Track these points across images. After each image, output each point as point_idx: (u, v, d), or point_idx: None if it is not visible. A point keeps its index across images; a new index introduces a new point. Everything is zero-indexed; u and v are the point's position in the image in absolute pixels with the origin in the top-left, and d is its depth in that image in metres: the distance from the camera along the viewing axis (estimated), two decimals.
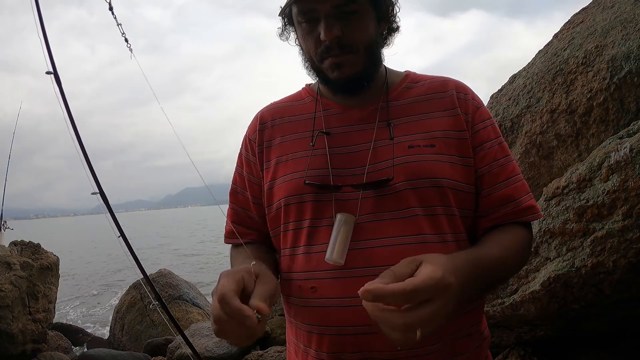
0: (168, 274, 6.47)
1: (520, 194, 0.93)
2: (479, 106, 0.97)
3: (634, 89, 1.88)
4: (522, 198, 0.92)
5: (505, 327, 2.17)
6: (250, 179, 1.04)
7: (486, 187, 0.93)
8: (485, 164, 0.93)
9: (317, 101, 1.01)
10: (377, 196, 0.88)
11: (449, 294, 0.65)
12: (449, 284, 0.65)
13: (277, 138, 1.01)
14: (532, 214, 0.92)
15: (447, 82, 0.98)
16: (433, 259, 0.68)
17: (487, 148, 0.93)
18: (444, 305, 0.64)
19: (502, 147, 0.95)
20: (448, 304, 0.65)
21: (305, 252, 0.92)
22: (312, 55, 0.92)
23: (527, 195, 0.93)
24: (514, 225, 0.92)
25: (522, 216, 0.92)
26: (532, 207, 0.93)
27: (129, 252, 2.72)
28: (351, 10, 0.87)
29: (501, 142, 0.96)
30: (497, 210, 0.92)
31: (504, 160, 0.94)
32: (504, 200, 0.92)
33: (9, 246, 5.28)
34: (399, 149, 0.90)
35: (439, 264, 0.66)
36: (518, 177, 0.94)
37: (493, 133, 0.95)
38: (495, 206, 0.92)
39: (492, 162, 0.93)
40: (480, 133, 0.94)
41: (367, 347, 0.85)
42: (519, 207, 0.92)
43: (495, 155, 0.93)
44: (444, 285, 0.64)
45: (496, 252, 0.84)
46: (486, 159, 0.93)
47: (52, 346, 5.37)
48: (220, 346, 4.09)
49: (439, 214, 0.88)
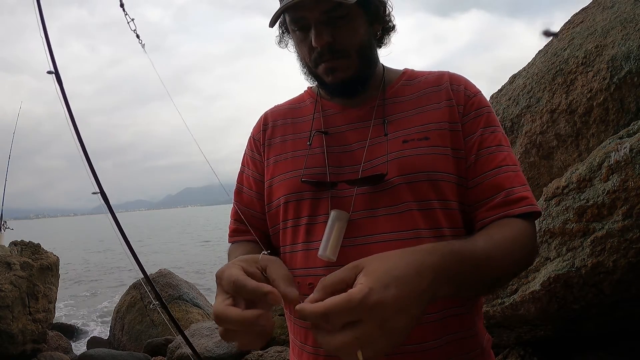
0: (168, 274, 6.47)
1: (512, 184, 0.87)
2: (473, 95, 0.94)
3: (634, 89, 1.89)
4: (514, 188, 0.87)
5: (505, 327, 2.17)
6: (256, 177, 1.07)
7: (473, 177, 0.89)
8: (473, 152, 0.89)
9: (317, 102, 1.03)
10: (372, 192, 0.89)
11: (382, 311, 0.56)
12: (378, 302, 0.55)
13: (277, 137, 1.04)
14: (527, 205, 0.86)
15: (442, 76, 0.98)
16: (373, 266, 0.60)
17: (477, 136, 0.90)
18: (380, 324, 0.55)
19: (495, 135, 0.91)
20: (388, 321, 0.56)
21: (303, 249, 0.93)
22: (307, 62, 0.95)
23: (521, 186, 0.88)
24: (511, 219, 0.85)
25: (516, 207, 0.85)
26: (526, 198, 0.86)
27: (129, 252, 2.72)
28: (340, 15, 0.87)
29: (494, 131, 0.91)
30: (488, 202, 0.87)
31: (495, 149, 0.89)
32: (494, 189, 0.87)
33: (9, 246, 5.28)
34: (393, 145, 0.91)
35: (372, 277, 0.58)
36: (511, 167, 0.89)
37: (484, 121, 0.91)
38: (485, 197, 0.88)
39: (480, 150, 0.89)
40: (471, 122, 0.92)
41: None
42: (509, 197, 0.86)
43: (483, 143, 0.90)
44: (370, 305, 0.55)
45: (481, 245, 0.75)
46: (474, 147, 0.90)
47: (52, 346, 5.37)
48: (220, 346, 4.10)
49: (434, 208, 0.87)
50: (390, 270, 0.60)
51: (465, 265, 0.68)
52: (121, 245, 2.67)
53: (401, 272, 0.60)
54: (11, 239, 5.52)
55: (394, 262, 0.61)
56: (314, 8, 0.86)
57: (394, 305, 0.57)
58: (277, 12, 0.89)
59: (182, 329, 3.38)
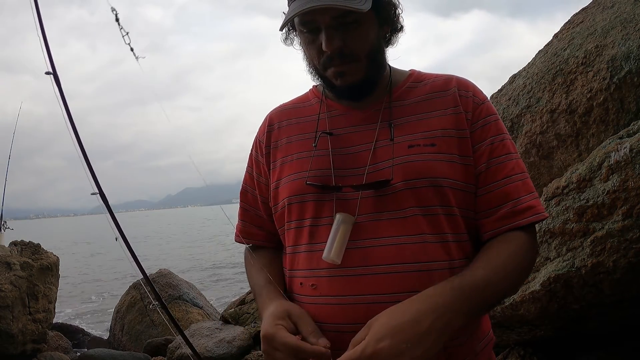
0: (168, 274, 6.47)
1: (519, 193, 0.88)
2: (481, 102, 0.94)
3: (633, 89, 1.88)
4: (521, 197, 0.88)
5: (505, 327, 2.17)
6: (259, 179, 1.07)
7: (482, 186, 0.90)
8: (483, 161, 0.90)
9: (322, 102, 1.02)
10: (377, 196, 0.89)
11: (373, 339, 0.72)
12: (373, 354, 0.71)
13: (283, 139, 1.04)
14: (533, 214, 0.88)
15: (449, 80, 0.97)
16: (377, 322, 0.75)
17: (487, 145, 0.91)
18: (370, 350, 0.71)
19: (504, 144, 0.92)
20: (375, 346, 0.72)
21: (306, 250, 0.93)
22: (316, 64, 0.94)
23: (528, 195, 0.89)
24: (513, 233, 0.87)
25: (521, 218, 0.87)
26: (532, 207, 0.88)
27: (129, 252, 2.72)
28: (351, 20, 0.87)
29: (503, 139, 0.92)
30: (495, 211, 0.89)
31: (505, 158, 0.90)
32: (502, 199, 0.89)
33: (9, 246, 5.28)
34: (399, 149, 0.90)
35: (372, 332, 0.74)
36: (519, 175, 0.90)
37: (494, 130, 0.92)
38: (493, 206, 0.89)
39: (490, 159, 0.90)
40: (480, 130, 0.92)
41: None
42: (517, 207, 0.88)
43: (493, 153, 0.90)
44: (367, 356, 0.71)
45: (480, 274, 0.81)
46: (484, 156, 0.90)
47: (52, 346, 5.37)
48: (220, 346, 4.10)
49: (438, 214, 0.88)
50: (389, 322, 0.73)
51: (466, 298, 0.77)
52: (121, 246, 2.67)
53: (398, 322, 0.73)
54: (11, 239, 5.51)
55: (395, 314, 0.75)
56: (325, 13, 0.85)
57: (389, 353, 0.70)
58: (288, 17, 0.88)
59: (182, 329, 3.38)
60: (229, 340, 4.15)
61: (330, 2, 0.82)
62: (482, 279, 0.80)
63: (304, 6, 0.83)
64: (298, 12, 0.84)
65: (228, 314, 4.77)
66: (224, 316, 4.80)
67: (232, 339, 4.17)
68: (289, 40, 1.00)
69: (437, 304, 0.75)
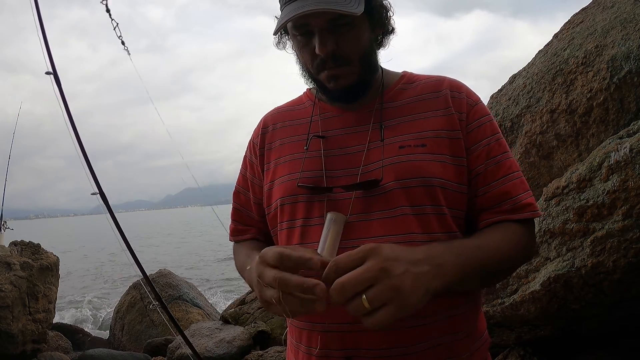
0: (168, 274, 6.47)
1: (517, 191, 0.91)
2: (474, 104, 0.96)
3: (633, 89, 1.88)
4: (520, 195, 0.91)
5: (505, 327, 2.17)
6: (253, 181, 1.09)
7: (482, 186, 0.92)
8: (481, 162, 0.92)
9: (315, 105, 1.04)
10: (367, 196, 0.89)
11: (379, 255, 0.67)
12: (373, 247, 0.68)
13: (277, 141, 1.05)
14: (530, 211, 0.91)
15: (441, 82, 0.98)
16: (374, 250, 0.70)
17: (484, 145, 0.92)
18: (377, 264, 0.66)
19: (500, 143, 0.94)
20: (384, 262, 0.67)
21: None
22: (309, 67, 0.95)
23: (525, 192, 0.92)
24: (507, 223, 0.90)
25: (519, 214, 0.90)
26: (530, 205, 0.91)
27: (128, 253, 2.72)
28: (344, 23, 0.88)
29: (499, 138, 0.94)
30: (495, 208, 0.91)
31: (501, 157, 0.93)
32: (502, 197, 0.91)
33: (9, 246, 5.28)
34: (390, 150, 0.91)
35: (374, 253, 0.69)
36: (516, 174, 0.93)
37: (489, 130, 0.94)
38: (493, 204, 0.91)
39: (488, 160, 0.92)
40: (475, 131, 0.93)
41: (353, 345, 0.86)
42: (516, 205, 0.90)
43: (490, 153, 0.92)
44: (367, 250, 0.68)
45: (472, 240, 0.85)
46: (482, 156, 0.92)
47: (52, 346, 5.37)
48: (220, 346, 4.10)
49: (428, 214, 0.89)
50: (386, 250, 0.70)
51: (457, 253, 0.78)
52: (121, 246, 2.67)
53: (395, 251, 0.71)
54: (11, 239, 5.52)
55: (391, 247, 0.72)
56: (318, 16, 0.86)
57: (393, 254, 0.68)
58: (282, 22, 0.88)
59: (182, 329, 3.39)
60: (229, 340, 4.15)
61: (324, 6, 0.83)
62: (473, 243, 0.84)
63: (298, 10, 0.84)
64: (292, 16, 0.85)
65: (228, 314, 4.77)
66: (223, 316, 4.81)
67: (232, 339, 4.18)
68: (282, 44, 1.01)
69: (430, 249, 0.76)
